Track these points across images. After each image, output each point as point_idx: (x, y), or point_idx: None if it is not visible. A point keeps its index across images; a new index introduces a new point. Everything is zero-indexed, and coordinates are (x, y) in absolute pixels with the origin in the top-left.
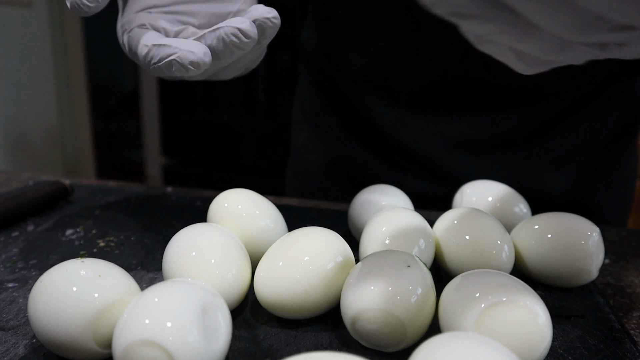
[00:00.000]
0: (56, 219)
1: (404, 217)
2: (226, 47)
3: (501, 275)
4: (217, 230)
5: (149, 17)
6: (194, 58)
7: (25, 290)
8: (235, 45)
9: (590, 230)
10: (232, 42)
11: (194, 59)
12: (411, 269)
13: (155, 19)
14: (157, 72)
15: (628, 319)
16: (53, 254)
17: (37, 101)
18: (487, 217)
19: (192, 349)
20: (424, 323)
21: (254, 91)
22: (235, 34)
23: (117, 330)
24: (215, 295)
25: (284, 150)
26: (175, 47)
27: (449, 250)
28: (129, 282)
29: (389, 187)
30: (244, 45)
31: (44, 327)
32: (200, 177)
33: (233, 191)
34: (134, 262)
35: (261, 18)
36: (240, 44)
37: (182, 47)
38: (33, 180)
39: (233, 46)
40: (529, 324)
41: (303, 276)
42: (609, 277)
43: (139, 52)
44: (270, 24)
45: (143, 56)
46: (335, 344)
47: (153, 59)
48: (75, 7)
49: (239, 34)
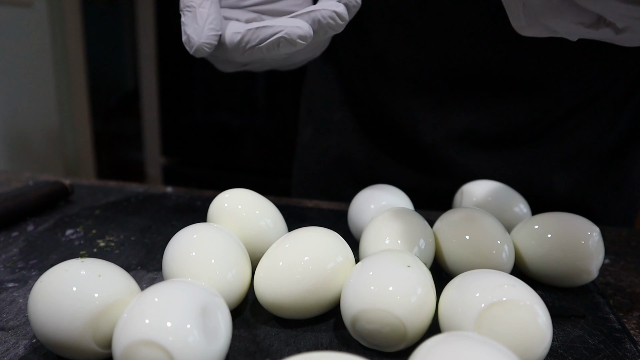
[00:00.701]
0: (56, 219)
1: (404, 217)
2: (321, 28)
3: (501, 275)
4: (217, 230)
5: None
6: (302, 32)
7: (25, 290)
8: (330, 27)
9: (590, 230)
10: (328, 24)
11: (301, 33)
12: (411, 269)
13: (226, 12)
14: (251, 55)
15: (628, 319)
16: (53, 254)
17: (37, 101)
18: (487, 217)
19: (192, 349)
20: (424, 323)
21: (254, 91)
22: (332, 16)
23: (117, 330)
24: (215, 295)
25: (284, 150)
26: (279, 25)
27: (449, 250)
28: (129, 282)
29: (389, 187)
30: (338, 28)
31: (44, 327)
32: (200, 177)
33: (233, 191)
34: (134, 262)
35: (350, 4)
36: (336, 26)
37: (287, 24)
38: (33, 180)
39: (328, 27)
40: (529, 324)
41: (303, 276)
42: (609, 277)
43: (228, 40)
44: (355, 3)
45: (237, 42)
46: (335, 344)
47: (251, 42)
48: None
49: (335, 16)
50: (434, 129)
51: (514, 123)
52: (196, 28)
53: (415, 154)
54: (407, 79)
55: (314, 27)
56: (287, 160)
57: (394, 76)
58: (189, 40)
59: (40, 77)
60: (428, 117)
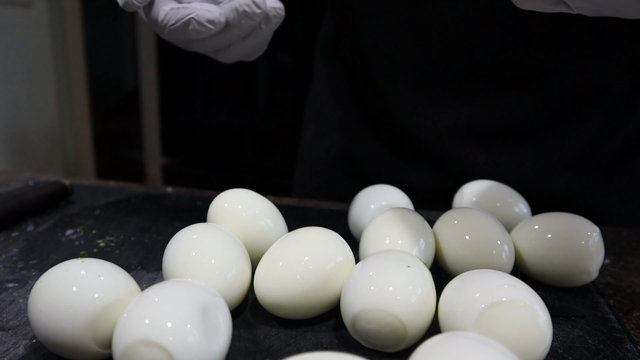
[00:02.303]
0: (56, 219)
1: (404, 217)
2: (239, 17)
3: (501, 275)
4: (217, 230)
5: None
6: (211, 16)
7: (25, 290)
8: (247, 15)
9: (590, 230)
10: (244, 12)
11: (210, 17)
12: (411, 269)
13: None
14: (173, 35)
15: (628, 319)
16: (53, 254)
17: (37, 101)
18: (487, 217)
19: (192, 349)
20: (424, 323)
21: (254, 91)
22: (248, 3)
23: (117, 330)
24: (215, 295)
25: (284, 150)
26: (192, 7)
27: (449, 250)
28: (129, 282)
29: (389, 187)
30: (255, 17)
31: (44, 327)
32: (200, 177)
33: (233, 191)
34: (134, 262)
35: (269, 7)
36: (252, 14)
37: (199, 7)
38: (33, 180)
39: (245, 15)
40: (529, 324)
41: (303, 276)
42: (609, 277)
43: (156, 17)
44: (275, 13)
45: (160, 20)
46: (335, 344)
47: (170, 22)
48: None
49: (251, 3)
50: (434, 122)
51: (514, 117)
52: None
53: (416, 149)
54: (407, 71)
55: (232, 16)
56: (287, 160)
57: (394, 68)
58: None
59: (40, 77)
60: (428, 110)
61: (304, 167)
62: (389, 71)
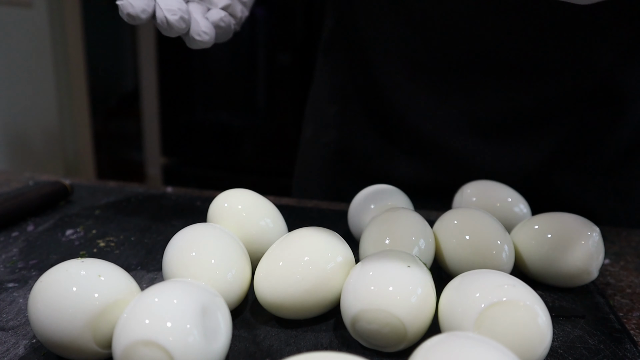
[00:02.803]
0: (56, 219)
1: (404, 217)
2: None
3: (501, 275)
4: (217, 230)
5: None
6: (132, 10)
7: (25, 290)
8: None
9: (590, 230)
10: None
11: (131, 12)
12: (411, 269)
13: None
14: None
15: (628, 319)
16: (53, 254)
17: (37, 101)
18: (487, 217)
19: (192, 349)
20: (424, 323)
21: (254, 91)
22: (162, 21)
23: (117, 330)
24: (215, 295)
25: (284, 150)
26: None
27: (449, 250)
28: (129, 282)
29: (389, 187)
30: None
31: (44, 327)
32: (200, 177)
33: (233, 191)
34: (134, 262)
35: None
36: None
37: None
38: (33, 180)
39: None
40: (529, 324)
41: (303, 276)
42: (609, 277)
43: None
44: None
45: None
46: (335, 344)
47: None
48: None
49: (165, 24)
50: (432, 115)
51: (513, 111)
52: None
53: (415, 142)
54: (406, 64)
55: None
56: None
57: (393, 61)
58: None
59: (40, 77)
60: (427, 103)
61: (304, 165)
62: (388, 63)
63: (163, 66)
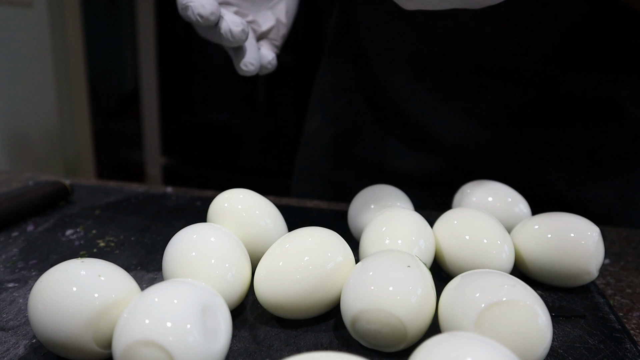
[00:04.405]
0: (56, 219)
1: (404, 217)
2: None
3: (501, 275)
4: (217, 230)
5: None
6: (203, 12)
7: (25, 290)
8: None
9: (590, 230)
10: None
11: (202, 12)
12: (411, 269)
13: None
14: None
15: (628, 319)
16: (53, 254)
17: (37, 101)
18: (487, 217)
19: (192, 349)
20: (424, 323)
21: (254, 91)
22: (226, 32)
23: (117, 330)
24: (215, 295)
25: (284, 150)
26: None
27: (449, 250)
28: (129, 282)
29: (389, 187)
30: (230, 42)
31: (44, 327)
32: (200, 177)
33: (233, 191)
34: (134, 262)
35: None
36: (230, 39)
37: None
38: (33, 180)
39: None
40: (529, 324)
41: (303, 276)
42: (609, 277)
43: None
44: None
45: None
46: (335, 344)
47: (179, 5)
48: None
49: (231, 31)
50: (434, 111)
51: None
52: None
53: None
54: (407, 63)
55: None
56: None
57: (394, 60)
58: None
59: (40, 77)
60: (427, 100)
61: (306, 157)
62: (390, 64)
63: (163, 66)
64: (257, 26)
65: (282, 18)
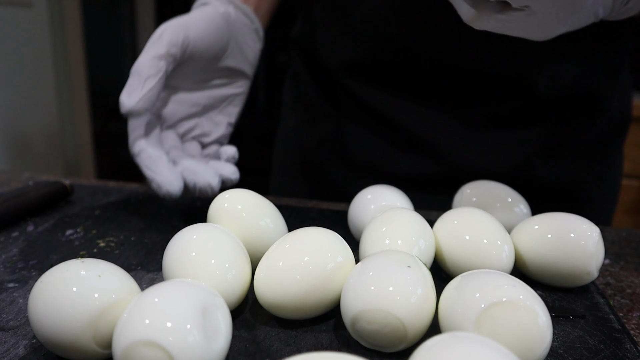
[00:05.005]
0: (56, 219)
1: (404, 217)
2: (191, 190)
3: (501, 275)
4: (217, 230)
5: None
6: (171, 189)
7: (25, 290)
8: (201, 193)
9: (590, 230)
10: (200, 190)
11: (170, 190)
12: (411, 269)
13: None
14: None
15: (628, 319)
16: (53, 254)
17: (37, 101)
18: (487, 217)
19: (192, 349)
20: (424, 323)
21: (254, 91)
22: (204, 188)
23: (117, 330)
24: (215, 295)
25: None
26: (155, 173)
27: (449, 250)
28: (129, 282)
29: (389, 187)
30: (205, 195)
31: (44, 327)
32: None
33: (233, 191)
34: (134, 262)
35: (226, 176)
36: (203, 194)
37: (160, 175)
38: (33, 180)
39: (198, 192)
40: (529, 324)
41: (303, 276)
42: (609, 277)
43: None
44: (230, 182)
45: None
46: (335, 344)
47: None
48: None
49: (208, 189)
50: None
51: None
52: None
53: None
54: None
55: (188, 184)
56: None
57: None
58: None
59: (40, 77)
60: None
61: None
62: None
63: None
64: (205, 138)
65: (233, 119)
